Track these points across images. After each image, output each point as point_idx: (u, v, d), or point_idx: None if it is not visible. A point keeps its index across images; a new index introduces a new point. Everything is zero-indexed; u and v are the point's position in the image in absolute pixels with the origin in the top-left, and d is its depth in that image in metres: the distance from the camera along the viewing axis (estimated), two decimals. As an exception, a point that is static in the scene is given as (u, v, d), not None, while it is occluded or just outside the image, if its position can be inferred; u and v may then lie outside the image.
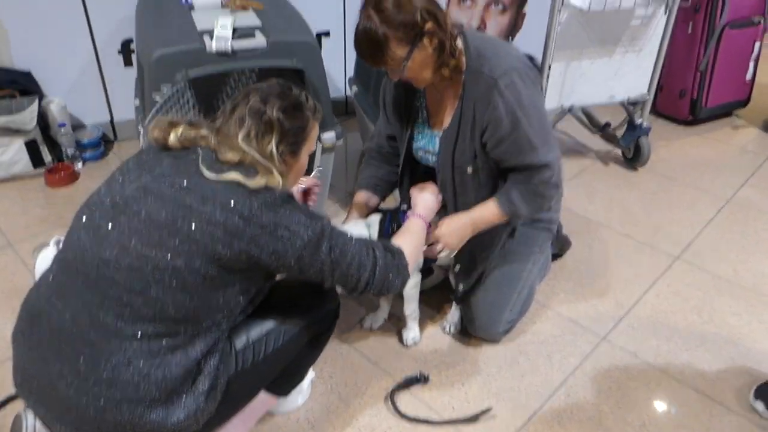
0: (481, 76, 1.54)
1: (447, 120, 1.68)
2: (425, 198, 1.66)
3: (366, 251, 1.30)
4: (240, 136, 1.21)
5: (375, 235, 1.71)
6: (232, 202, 1.13)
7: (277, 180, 1.20)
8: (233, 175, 1.15)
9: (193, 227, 1.11)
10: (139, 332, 1.13)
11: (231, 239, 1.13)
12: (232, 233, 1.12)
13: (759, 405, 1.70)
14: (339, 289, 1.44)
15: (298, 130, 1.28)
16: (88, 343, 1.13)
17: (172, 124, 1.25)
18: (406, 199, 1.79)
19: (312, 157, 1.49)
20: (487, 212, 1.66)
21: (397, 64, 1.48)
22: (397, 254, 1.36)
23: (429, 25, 1.45)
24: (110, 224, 1.15)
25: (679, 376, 1.83)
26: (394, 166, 1.91)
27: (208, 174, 1.16)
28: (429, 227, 1.58)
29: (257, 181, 1.16)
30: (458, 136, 1.65)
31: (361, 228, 1.71)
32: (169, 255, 1.11)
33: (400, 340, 1.93)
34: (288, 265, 1.20)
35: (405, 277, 1.37)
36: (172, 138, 1.23)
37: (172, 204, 1.13)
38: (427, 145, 1.78)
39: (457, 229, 1.67)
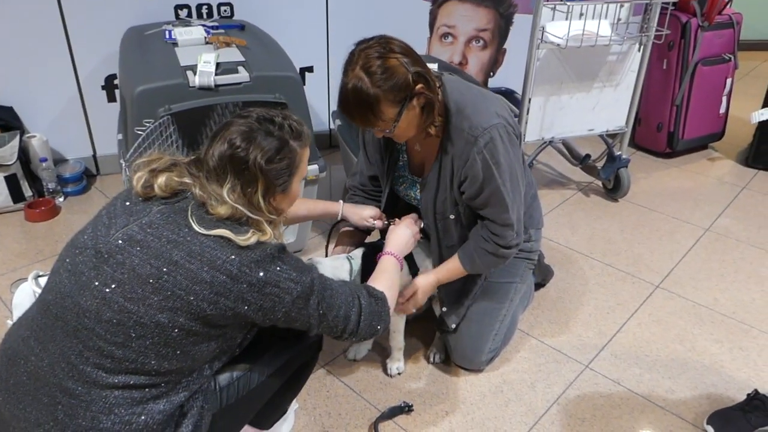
0: (461, 133, 1.54)
1: (427, 168, 1.70)
2: (398, 234, 1.64)
3: (352, 300, 1.30)
4: (225, 192, 1.16)
5: (357, 268, 1.71)
6: (221, 260, 1.10)
7: (268, 234, 1.17)
8: (222, 231, 1.12)
9: (178, 285, 1.08)
10: (121, 383, 1.09)
11: (217, 298, 1.10)
12: (218, 292, 1.10)
13: (710, 429, 1.72)
14: None
15: (286, 169, 1.23)
16: (66, 393, 1.08)
17: (154, 174, 1.20)
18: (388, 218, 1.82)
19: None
20: (453, 270, 1.74)
21: (387, 125, 1.48)
22: (381, 301, 1.36)
23: (419, 86, 1.45)
24: (93, 272, 1.11)
25: (662, 404, 1.83)
26: (377, 202, 1.93)
27: (198, 228, 1.12)
28: (401, 263, 1.57)
29: (247, 238, 1.13)
30: (438, 187, 1.66)
31: (344, 262, 1.71)
32: (152, 311, 1.08)
33: (385, 370, 1.91)
34: (275, 319, 1.19)
35: (387, 323, 1.37)
36: (156, 189, 1.18)
37: (158, 259, 1.09)
38: (408, 189, 1.81)
39: (426, 288, 1.74)
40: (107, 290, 1.09)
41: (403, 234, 1.65)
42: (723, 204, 2.97)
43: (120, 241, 1.12)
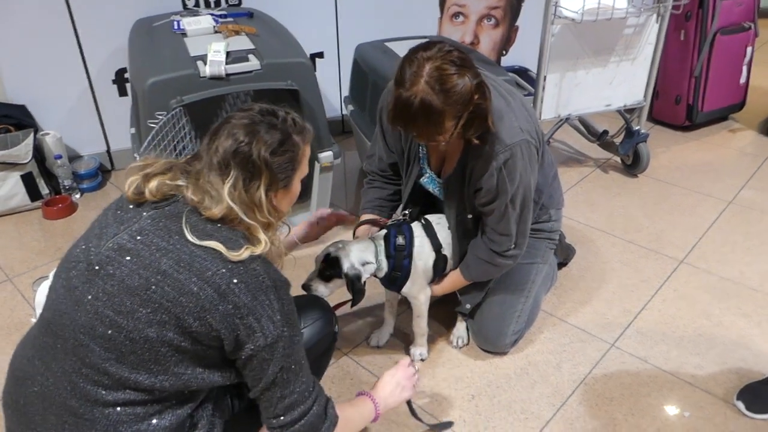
0: (484, 144, 1.52)
1: (447, 165, 1.69)
2: (391, 385, 1.46)
3: (308, 396, 1.18)
4: (226, 188, 1.11)
5: (382, 250, 1.70)
6: (210, 272, 1.05)
7: (263, 246, 1.11)
8: (214, 244, 1.07)
9: (165, 296, 1.04)
10: (121, 399, 1.06)
11: (203, 313, 1.04)
12: (204, 307, 1.04)
13: (740, 405, 1.69)
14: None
15: (288, 163, 1.18)
16: (71, 412, 1.07)
17: (146, 178, 1.15)
18: (409, 206, 1.84)
19: (311, 176, 1.43)
20: (456, 280, 1.80)
21: (445, 138, 1.44)
22: (329, 425, 1.22)
23: (476, 97, 1.41)
24: (85, 287, 1.08)
25: (690, 380, 1.80)
26: (397, 185, 1.91)
27: (190, 237, 1.07)
28: (377, 414, 1.40)
29: (240, 254, 1.07)
30: (460, 189, 1.65)
31: (369, 243, 1.70)
32: (141, 325, 1.04)
33: (408, 354, 1.90)
34: (238, 357, 1.10)
35: None
36: (147, 193, 1.14)
37: (147, 269, 1.05)
38: (428, 184, 1.80)
39: (444, 288, 1.83)
40: (99, 304, 1.06)
41: (395, 388, 1.46)
42: (746, 176, 2.91)
43: (110, 252, 1.09)
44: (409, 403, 1.59)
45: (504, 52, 3.54)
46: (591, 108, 2.77)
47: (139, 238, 1.09)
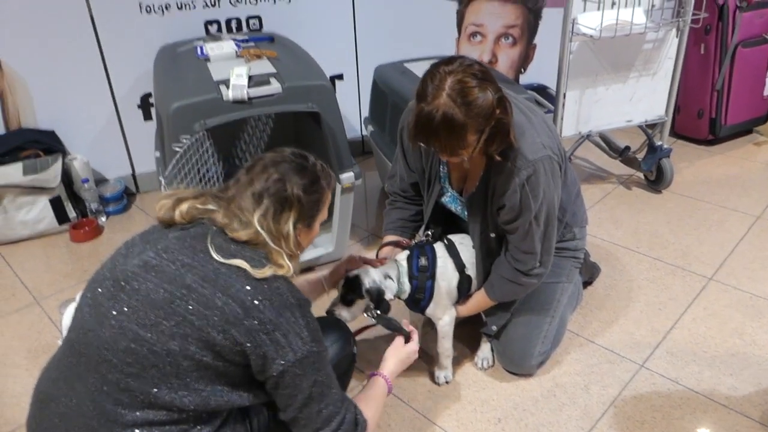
0: (506, 161, 1.51)
1: (469, 184, 1.68)
2: (395, 356, 1.51)
3: (340, 407, 1.21)
4: (257, 216, 1.16)
5: (405, 271, 1.69)
6: (235, 288, 1.08)
7: (286, 270, 1.15)
8: (239, 262, 1.10)
9: (189, 309, 1.06)
10: (140, 420, 1.07)
11: (228, 326, 1.06)
12: (229, 321, 1.07)
13: None
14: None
15: (315, 203, 1.25)
16: None
17: (178, 201, 1.21)
18: (431, 226, 1.83)
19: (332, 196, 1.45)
20: (481, 301, 1.78)
21: (467, 153, 1.45)
22: (361, 429, 1.26)
23: (498, 111, 1.40)
24: (110, 302, 1.11)
25: (725, 402, 1.75)
26: (418, 206, 1.91)
27: (215, 255, 1.11)
28: (390, 388, 1.46)
29: (264, 272, 1.11)
30: (483, 207, 1.65)
31: (391, 266, 1.69)
32: (164, 338, 1.06)
33: (432, 378, 1.88)
34: (269, 375, 1.12)
35: None
36: (177, 215, 1.19)
37: (171, 283, 1.08)
38: (451, 203, 1.79)
39: (469, 309, 1.82)
40: (123, 318, 1.08)
41: (399, 356, 1.52)
42: (773, 190, 2.86)
43: (136, 269, 1.12)
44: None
45: (522, 70, 3.54)
46: (612, 124, 2.75)
47: (164, 255, 1.12)
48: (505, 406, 1.78)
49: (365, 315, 1.63)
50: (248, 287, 1.09)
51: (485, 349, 1.93)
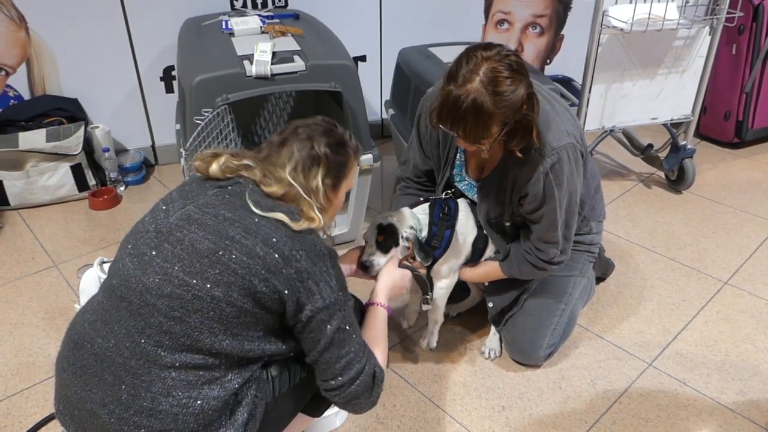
0: (529, 149, 1.50)
1: (484, 173, 1.67)
2: (385, 281, 1.54)
3: (362, 356, 1.24)
4: (288, 169, 1.24)
5: (426, 220, 1.71)
6: (275, 239, 1.14)
7: (318, 222, 1.21)
8: (279, 215, 1.17)
9: (233, 258, 1.12)
10: (178, 362, 1.12)
11: (268, 275, 1.13)
12: (270, 269, 1.13)
13: None
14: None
15: (341, 165, 1.32)
16: (129, 371, 1.12)
17: (215, 155, 1.27)
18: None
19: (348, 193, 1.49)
20: (492, 272, 1.78)
21: (488, 144, 1.44)
22: (379, 382, 1.29)
23: (525, 107, 1.39)
24: (154, 251, 1.16)
25: (732, 406, 1.74)
26: (430, 192, 1.90)
27: (255, 209, 1.17)
28: (390, 311, 1.48)
29: (301, 225, 1.18)
30: (497, 193, 1.64)
31: (411, 217, 1.70)
32: (208, 284, 1.11)
33: (429, 350, 1.88)
34: (299, 320, 1.18)
35: (369, 407, 1.30)
36: (215, 167, 1.25)
37: (215, 234, 1.14)
38: (467, 191, 1.78)
39: (478, 275, 1.82)
40: (167, 265, 1.13)
41: (393, 277, 1.55)
42: (797, 197, 2.81)
43: (178, 221, 1.18)
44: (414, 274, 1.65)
45: (548, 61, 3.50)
46: (636, 121, 2.71)
47: (206, 209, 1.18)
48: (511, 395, 1.78)
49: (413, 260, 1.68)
50: (286, 238, 1.15)
51: (494, 339, 1.93)
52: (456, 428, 1.67)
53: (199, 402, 1.12)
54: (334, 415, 1.65)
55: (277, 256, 1.13)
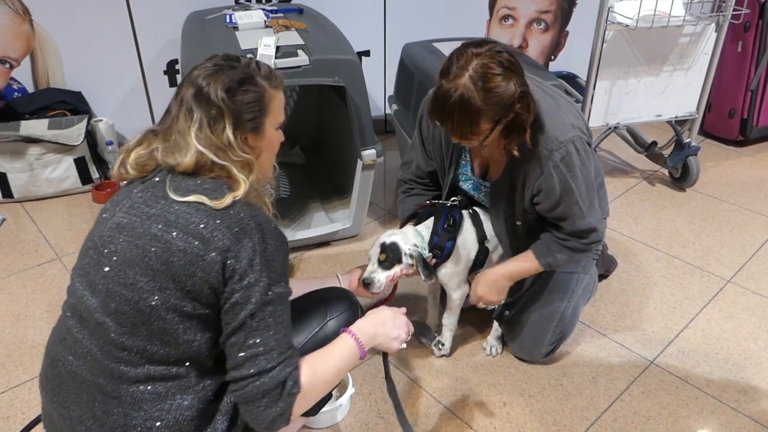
0: (535, 144, 1.49)
1: (493, 171, 1.67)
2: (375, 322, 1.33)
3: (274, 357, 1.09)
4: (193, 133, 1.11)
5: (428, 232, 1.71)
6: (193, 223, 1.07)
7: (244, 185, 1.12)
8: (197, 197, 1.08)
9: (158, 260, 1.06)
10: (142, 375, 1.09)
11: (193, 269, 1.06)
12: (192, 261, 1.05)
13: None
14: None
15: (253, 105, 1.16)
16: (99, 389, 1.10)
17: (126, 154, 1.18)
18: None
19: (352, 173, 1.44)
20: (525, 265, 1.66)
21: (478, 140, 1.44)
22: (287, 395, 1.10)
23: (518, 106, 1.39)
24: (95, 269, 1.12)
25: (734, 405, 1.74)
26: (436, 193, 1.90)
27: (173, 196, 1.09)
28: (363, 353, 1.27)
29: (223, 201, 1.08)
30: (509, 194, 1.63)
31: (414, 234, 1.71)
32: (144, 294, 1.06)
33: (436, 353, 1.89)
34: (223, 306, 1.09)
35: (277, 423, 1.11)
36: (130, 169, 1.17)
37: (141, 238, 1.08)
38: (473, 191, 1.78)
39: (493, 284, 1.68)
40: (108, 281, 1.09)
41: (379, 316, 1.34)
42: (801, 195, 2.80)
43: (109, 231, 1.12)
44: (385, 359, 1.46)
45: (553, 57, 3.49)
46: (641, 118, 2.70)
47: (132, 212, 1.12)
48: (512, 391, 1.78)
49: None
50: (206, 218, 1.07)
51: (495, 336, 1.92)
52: (457, 424, 1.67)
53: (171, 414, 1.09)
54: (334, 409, 1.65)
55: (197, 243, 1.05)
